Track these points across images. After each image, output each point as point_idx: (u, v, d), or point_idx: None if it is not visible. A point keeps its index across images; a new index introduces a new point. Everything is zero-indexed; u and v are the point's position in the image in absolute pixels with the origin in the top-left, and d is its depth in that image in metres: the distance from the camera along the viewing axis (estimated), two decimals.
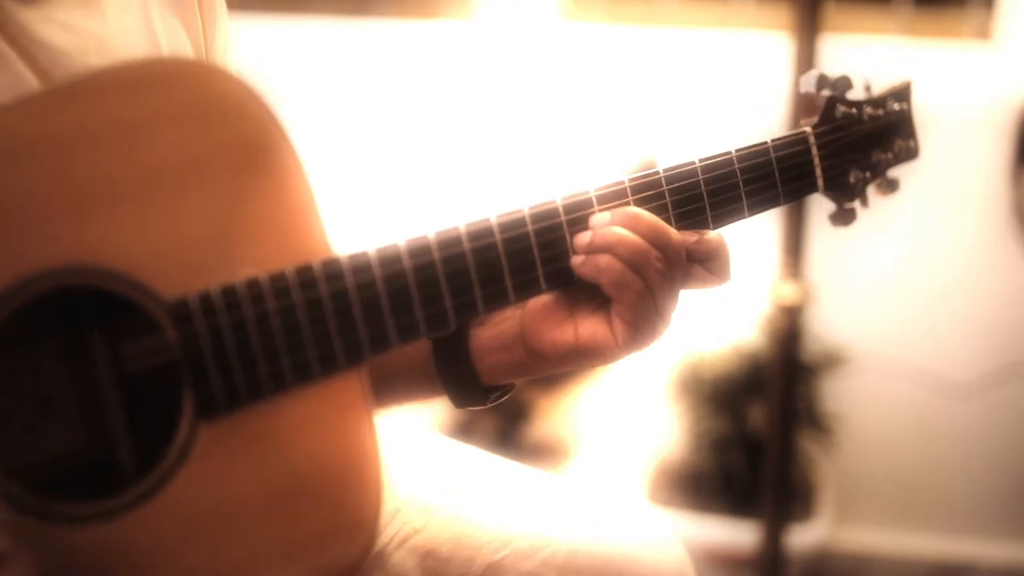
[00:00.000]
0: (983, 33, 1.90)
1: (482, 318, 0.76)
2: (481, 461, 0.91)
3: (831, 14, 1.86)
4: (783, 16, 1.71)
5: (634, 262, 0.70)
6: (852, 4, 2.02)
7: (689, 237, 0.72)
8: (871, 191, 0.79)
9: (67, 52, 0.69)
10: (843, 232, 0.82)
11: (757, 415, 1.68)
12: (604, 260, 0.70)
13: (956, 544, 1.90)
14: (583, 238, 0.71)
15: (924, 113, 1.71)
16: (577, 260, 0.71)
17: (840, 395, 1.82)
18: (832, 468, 1.85)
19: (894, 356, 1.81)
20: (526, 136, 1.85)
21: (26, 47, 0.68)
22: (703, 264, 0.73)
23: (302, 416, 0.67)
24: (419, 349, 0.77)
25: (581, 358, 0.73)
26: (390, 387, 0.79)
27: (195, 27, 0.79)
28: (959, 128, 1.75)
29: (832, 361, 1.78)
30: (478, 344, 0.76)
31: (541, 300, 0.74)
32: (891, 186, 0.79)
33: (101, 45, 0.71)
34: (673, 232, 0.71)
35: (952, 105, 1.75)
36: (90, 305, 0.65)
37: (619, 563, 0.83)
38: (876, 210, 0.82)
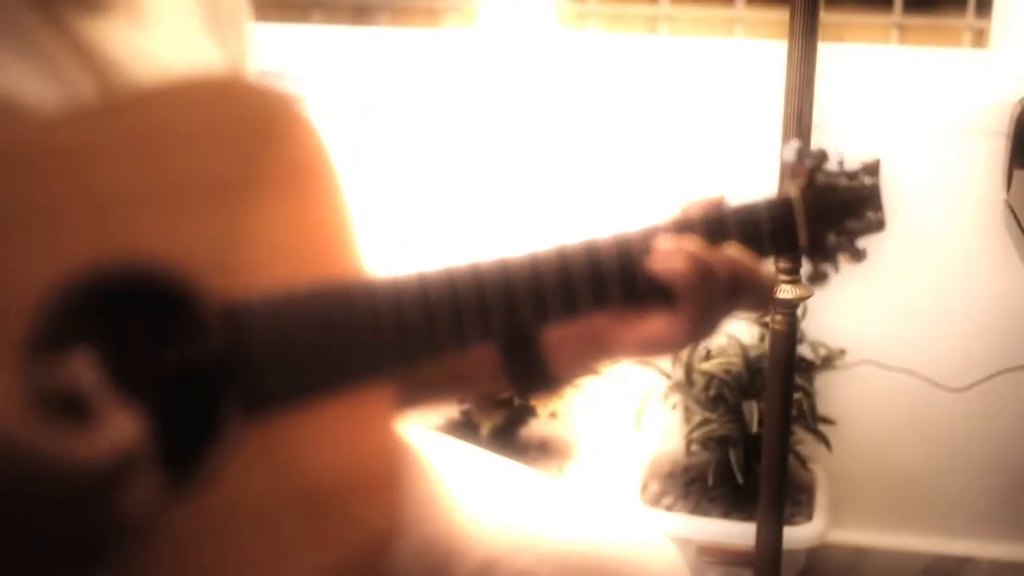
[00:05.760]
0: (979, 41, 1.93)
1: None
2: (479, 459, 0.93)
3: (828, 23, 1.88)
4: (781, 25, 1.74)
5: (705, 278, 0.75)
6: (849, 13, 2.04)
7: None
8: (842, 258, 0.84)
9: (123, 67, 0.70)
10: None
11: (755, 415, 1.70)
12: (684, 268, 0.74)
13: (952, 544, 1.92)
14: (666, 243, 0.75)
15: (921, 119, 1.74)
16: (658, 262, 0.75)
17: (838, 395, 1.84)
18: (830, 468, 1.87)
19: (892, 357, 1.82)
20: (526, 143, 1.86)
21: (84, 60, 0.69)
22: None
23: (328, 420, 0.69)
24: (483, 352, 0.80)
25: (646, 352, 0.78)
26: (447, 385, 0.84)
27: (232, 47, 0.82)
28: (955, 132, 1.77)
29: (830, 361, 1.80)
30: (547, 344, 0.80)
31: None
32: (859, 256, 0.84)
33: (153, 61, 0.73)
34: (742, 262, 0.76)
35: (948, 110, 1.77)
36: (128, 308, 0.66)
37: (614, 562, 0.85)
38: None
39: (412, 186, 1.90)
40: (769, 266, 0.79)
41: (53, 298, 0.61)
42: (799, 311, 1.47)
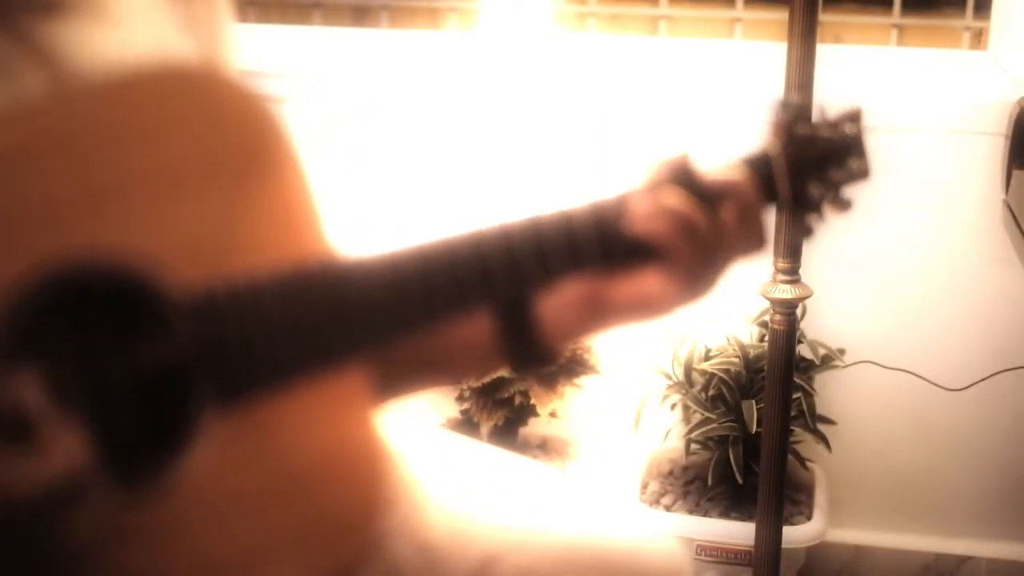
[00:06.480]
0: (978, 42, 1.93)
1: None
2: (479, 453, 0.93)
3: (828, 23, 1.89)
4: (781, 25, 1.74)
5: (689, 231, 0.74)
6: (848, 14, 2.05)
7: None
8: (827, 208, 0.83)
9: (84, 69, 0.69)
10: (840, 232, 0.85)
11: (755, 415, 1.70)
12: (663, 224, 0.74)
13: (951, 543, 1.92)
14: (642, 204, 0.74)
15: (920, 120, 1.74)
16: (636, 222, 0.74)
17: (837, 395, 1.85)
18: (829, 467, 1.87)
19: (891, 357, 1.83)
20: (526, 144, 1.87)
21: (41, 64, 0.68)
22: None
23: (305, 410, 0.68)
24: (476, 326, 0.79)
25: (646, 313, 0.77)
26: (425, 371, 0.81)
27: (209, 46, 0.81)
28: (954, 133, 1.78)
29: (829, 361, 1.80)
30: (543, 313, 0.78)
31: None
32: (844, 205, 0.83)
33: (118, 62, 0.71)
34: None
35: (947, 111, 1.77)
36: (100, 300, 0.65)
37: (615, 558, 0.85)
38: (875, 211, 0.84)
39: (413, 187, 1.91)
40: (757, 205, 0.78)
41: (9, 300, 0.60)
42: (799, 311, 1.48)
